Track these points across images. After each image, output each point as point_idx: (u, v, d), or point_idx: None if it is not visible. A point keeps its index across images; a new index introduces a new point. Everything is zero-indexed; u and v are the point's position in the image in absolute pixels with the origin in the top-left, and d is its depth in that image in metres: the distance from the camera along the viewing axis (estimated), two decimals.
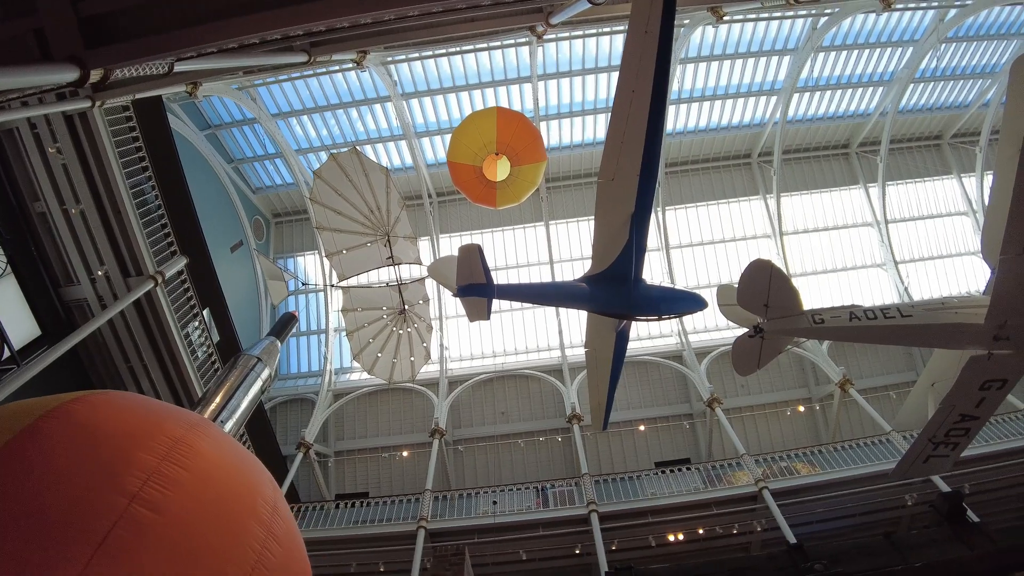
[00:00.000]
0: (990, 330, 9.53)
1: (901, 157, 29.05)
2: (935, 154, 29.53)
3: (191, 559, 3.70)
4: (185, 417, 4.61)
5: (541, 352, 26.45)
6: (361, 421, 25.84)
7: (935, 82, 27.42)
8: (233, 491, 4.32)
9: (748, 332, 10.29)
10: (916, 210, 28.90)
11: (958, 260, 28.08)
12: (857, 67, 26.37)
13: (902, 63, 26.10)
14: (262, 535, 4.17)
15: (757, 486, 18.06)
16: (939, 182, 29.20)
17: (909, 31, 25.13)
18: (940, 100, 28.40)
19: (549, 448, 24.65)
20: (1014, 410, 19.97)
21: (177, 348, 17.74)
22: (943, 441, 11.60)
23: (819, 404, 25.36)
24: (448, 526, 18.64)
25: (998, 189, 9.13)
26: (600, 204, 10.53)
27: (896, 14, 23.94)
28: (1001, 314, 9.28)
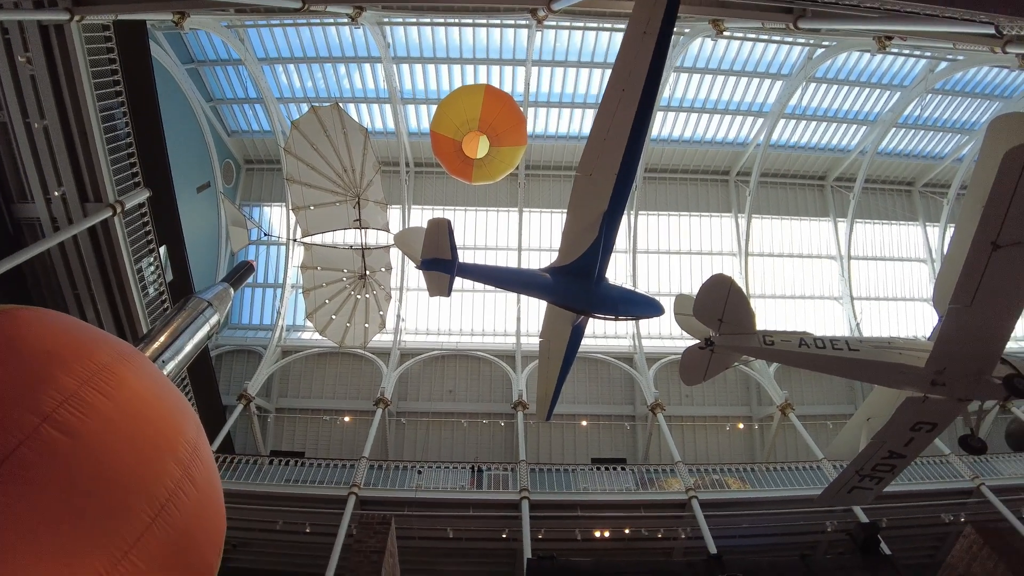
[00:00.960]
0: (929, 374, 9.83)
1: (873, 197, 29.72)
2: (905, 199, 30.28)
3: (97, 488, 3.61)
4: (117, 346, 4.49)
5: (496, 336, 26.50)
6: (306, 381, 25.58)
7: (916, 130, 28.05)
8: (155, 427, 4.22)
9: (699, 343, 10.44)
10: (879, 250, 29.62)
11: (911, 304, 28.88)
12: (844, 103, 26.82)
13: (888, 106, 26.63)
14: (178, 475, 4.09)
15: (687, 494, 18.39)
16: (904, 227, 29.94)
17: (899, 76, 25.63)
18: (917, 148, 29.06)
19: (491, 431, 24.76)
20: (939, 454, 20.67)
21: (128, 282, 17.28)
22: (869, 475, 11.97)
23: (758, 424, 25.95)
24: (379, 495, 18.55)
25: (957, 242, 9.41)
26: (575, 198, 10.55)
27: (889, 58, 24.36)
28: (941, 360, 9.57)
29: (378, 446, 22.39)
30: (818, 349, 10.27)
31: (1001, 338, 9.35)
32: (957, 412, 10.88)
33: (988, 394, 10.16)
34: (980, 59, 21.57)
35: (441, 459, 21.54)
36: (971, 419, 11.54)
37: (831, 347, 10.31)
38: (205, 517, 4.38)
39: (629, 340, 26.33)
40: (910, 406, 10.49)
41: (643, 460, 23.87)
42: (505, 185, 26.90)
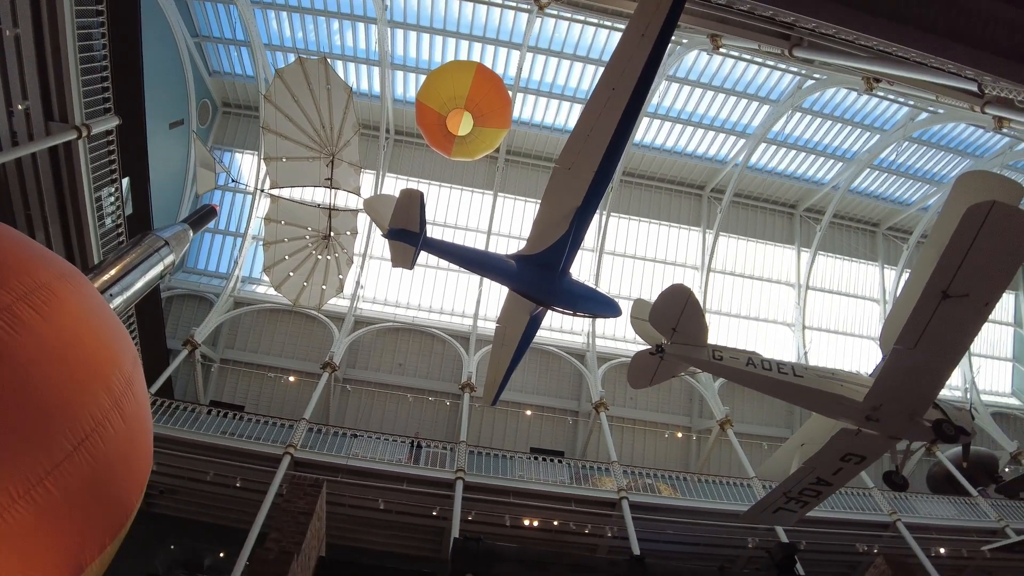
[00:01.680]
0: (866, 409, 10.15)
1: (839, 232, 30.46)
2: (869, 239, 31.10)
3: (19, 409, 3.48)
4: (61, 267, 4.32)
5: (454, 316, 26.44)
6: (255, 335, 25.15)
7: (888, 173, 28.81)
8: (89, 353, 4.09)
9: (650, 349, 10.58)
10: (836, 284, 30.37)
11: (858, 340, 29.69)
12: (825, 137, 27.36)
13: (866, 147, 27.28)
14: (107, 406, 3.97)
15: (619, 494, 18.71)
16: (864, 265, 30.76)
17: (881, 119, 26.27)
18: (887, 191, 29.86)
19: (435, 409, 24.75)
20: (863, 487, 21.42)
21: (84, 209, 16.67)
22: (796, 498, 12.34)
23: (696, 435, 26.50)
24: (315, 459, 18.39)
25: (910, 287, 9.71)
26: (550, 190, 10.58)
27: (875, 100, 24.89)
28: (879, 397, 9.88)
29: (320, 410, 22.22)
30: (764, 370, 10.51)
31: (937, 383, 9.71)
32: (886, 448, 11.28)
33: (917, 435, 10.54)
34: (959, 115, 22.15)
35: (382, 431, 21.40)
36: (898, 457, 11.98)
37: (777, 370, 10.57)
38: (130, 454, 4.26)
39: (583, 337, 26.56)
40: (843, 437, 10.84)
41: (581, 456, 24.17)
42: (483, 167, 26.82)
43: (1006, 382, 31.93)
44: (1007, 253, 7.92)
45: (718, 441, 24.61)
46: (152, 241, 13.11)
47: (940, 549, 20.35)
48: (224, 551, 19.44)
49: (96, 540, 4.16)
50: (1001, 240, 7.72)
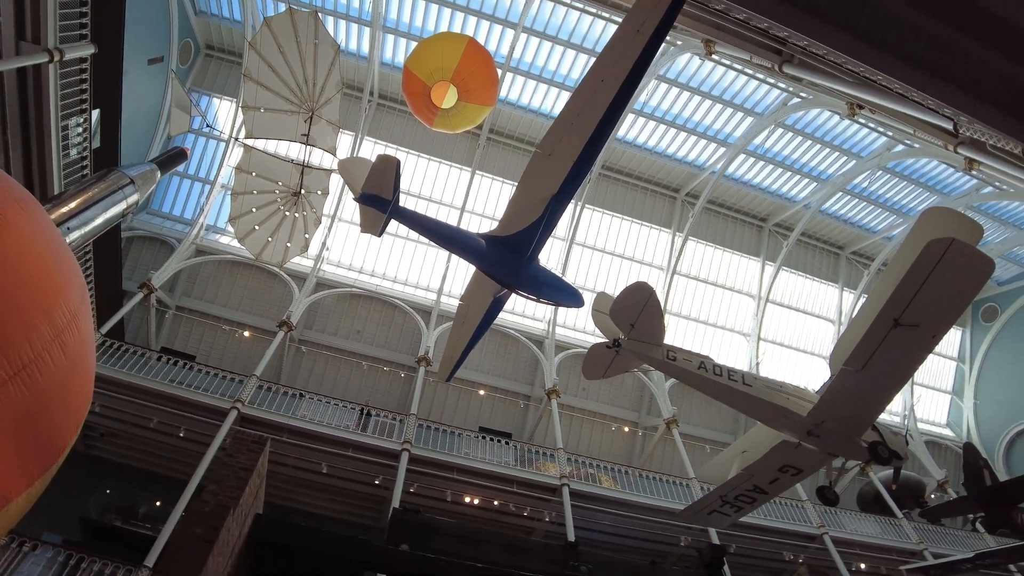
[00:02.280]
0: (808, 424, 10.42)
1: (804, 250, 31.07)
2: (832, 261, 31.78)
3: None
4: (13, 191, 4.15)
5: (418, 289, 26.29)
6: (214, 286, 24.65)
7: (859, 199, 29.37)
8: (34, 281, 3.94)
9: (607, 343, 10.70)
10: (795, 301, 31.00)
11: (809, 358, 30.40)
12: (803, 156, 27.74)
13: (841, 170, 27.77)
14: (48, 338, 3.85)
15: (560, 481, 18.96)
16: (824, 285, 31.43)
17: (859, 146, 26.73)
18: (855, 216, 30.49)
19: (389, 380, 24.67)
20: (796, 498, 22.07)
21: (49, 137, 16.01)
22: (731, 502, 12.65)
23: (642, 431, 26.95)
24: (262, 416, 18.22)
25: (865, 311, 9.96)
26: (528, 174, 10.58)
27: (855, 126, 25.35)
28: (822, 414, 10.16)
29: (272, 368, 21.98)
30: (715, 376, 10.71)
31: (879, 406, 10.03)
32: (822, 464, 11.62)
33: (854, 454, 10.87)
34: (933, 152, 22.68)
35: (333, 395, 21.28)
36: (832, 473, 12.36)
37: (727, 377, 10.78)
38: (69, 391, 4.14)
39: (544, 324, 26.68)
40: (784, 449, 11.13)
41: (528, 439, 24.40)
42: (464, 143, 26.62)
43: (943, 413, 33.10)
44: (959, 290, 8.17)
45: (663, 439, 25.08)
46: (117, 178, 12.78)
47: (861, 564, 21.18)
48: (160, 500, 19.19)
49: (24, 473, 4.06)
50: (955, 277, 7.95)
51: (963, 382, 32.90)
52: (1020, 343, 30.65)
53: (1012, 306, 31.41)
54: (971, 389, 32.31)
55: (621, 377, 26.76)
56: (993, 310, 32.38)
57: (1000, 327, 31.87)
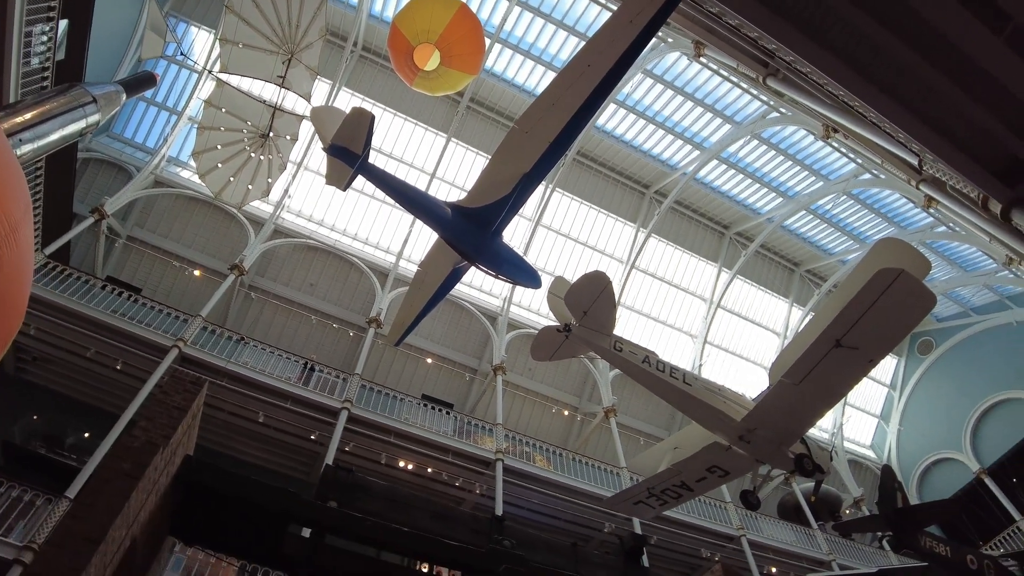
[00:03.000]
0: (741, 429, 10.73)
1: (761, 262, 31.72)
2: (786, 276, 32.54)
3: None
4: None
5: (377, 250, 25.97)
6: (168, 220, 23.89)
7: (820, 220, 30.04)
8: None
9: (558, 326, 10.81)
10: (745, 310, 31.68)
11: (751, 367, 31.18)
12: (774, 170, 28.19)
13: (808, 190, 28.33)
14: None
15: (496, 455, 19.16)
16: (775, 299, 32.18)
17: (829, 168, 27.29)
18: (815, 236, 31.22)
19: (336, 337, 24.45)
20: (720, 499, 22.81)
21: (11, 41, 15.17)
22: (657, 495, 12.95)
23: (581, 416, 27.40)
24: (203, 358, 17.80)
25: (809, 328, 10.28)
26: (503, 149, 10.57)
27: (828, 149, 25.85)
28: (756, 421, 10.46)
29: (218, 311, 21.58)
30: (658, 371, 10.93)
31: (810, 420, 10.39)
32: (749, 469, 12.02)
33: (780, 463, 11.24)
34: (897, 185, 23.30)
35: (279, 345, 21.01)
36: (757, 479, 12.80)
37: (669, 373, 11.01)
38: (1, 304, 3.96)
39: (500, 301, 26.70)
40: (714, 450, 11.44)
41: (469, 412, 24.53)
42: (443, 108, 26.28)
43: (868, 435, 34.46)
44: (901, 320, 8.46)
45: (600, 427, 25.52)
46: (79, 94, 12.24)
47: (772, 568, 22.03)
48: (89, 432, 18.77)
49: None
50: (899, 307, 8.22)
51: (891, 408, 34.24)
52: (949, 379, 31.99)
53: (947, 343, 32.71)
54: (898, 416, 33.65)
55: (568, 362, 27.09)
56: (929, 344, 33.70)
57: (933, 361, 33.17)
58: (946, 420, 30.91)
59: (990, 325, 30.65)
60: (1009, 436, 28.40)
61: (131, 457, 7.07)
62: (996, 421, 29.37)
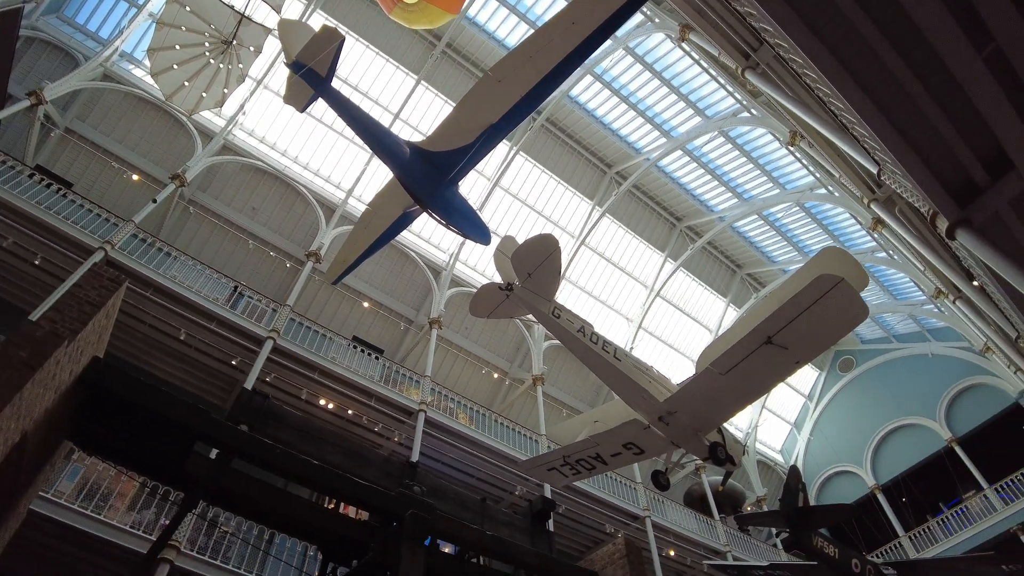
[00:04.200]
0: (661, 410, 10.88)
1: (706, 259, 32.33)
2: (728, 276, 33.27)
3: None
4: None
5: (328, 184, 25.04)
6: (113, 117, 22.47)
7: (770, 227, 30.70)
8: None
9: (500, 284, 10.70)
10: (683, 302, 32.30)
11: (680, 359, 31.88)
12: (734, 171, 28.58)
13: (764, 195, 28.85)
14: None
15: (419, 406, 19.07)
16: (713, 297, 32.89)
17: (787, 178, 27.80)
18: (761, 242, 31.97)
19: (272, 267, 23.67)
20: (631, 478, 23.44)
21: None
22: (572, 465, 13.08)
23: (509, 381, 27.55)
24: (129, 265, 16.84)
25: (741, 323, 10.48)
26: (472, 95, 10.38)
27: (789, 158, 26.27)
28: (677, 404, 10.63)
29: (152, 220, 20.58)
30: (591, 342, 10.97)
31: (729, 411, 10.63)
32: (664, 451, 12.23)
33: (695, 449, 11.48)
34: (849, 204, 23.78)
35: (211, 264, 20.21)
36: (670, 462, 13.10)
37: (602, 347, 11.07)
38: None
39: (446, 256, 26.38)
40: (633, 426, 11.59)
41: (399, 361, 24.32)
42: (417, 49, 25.50)
43: (780, 440, 35.91)
44: (832, 327, 8.67)
45: (526, 394, 25.75)
46: None
47: (671, 552, 22.81)
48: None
49: None
50: (833, 314, 8.40)
51: (805, 417, 35.74)
52: (862, 398, 33.60)
53: (866, 364, 34.29)
54: (810, 425, 35.16)
55: (504, 327, 27.13)
56: (850, 362, 35.23)
57: (851, 379, 34.72)
58: (853, 436, 32.50)
59: (907, 354, 32.25)
60: (905, 458, 30.18)
61: (31, 346, 6.63)
62: (897, 443, 31.07)
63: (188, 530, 13.06)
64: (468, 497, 10.75)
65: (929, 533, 27.09)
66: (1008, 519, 24.63)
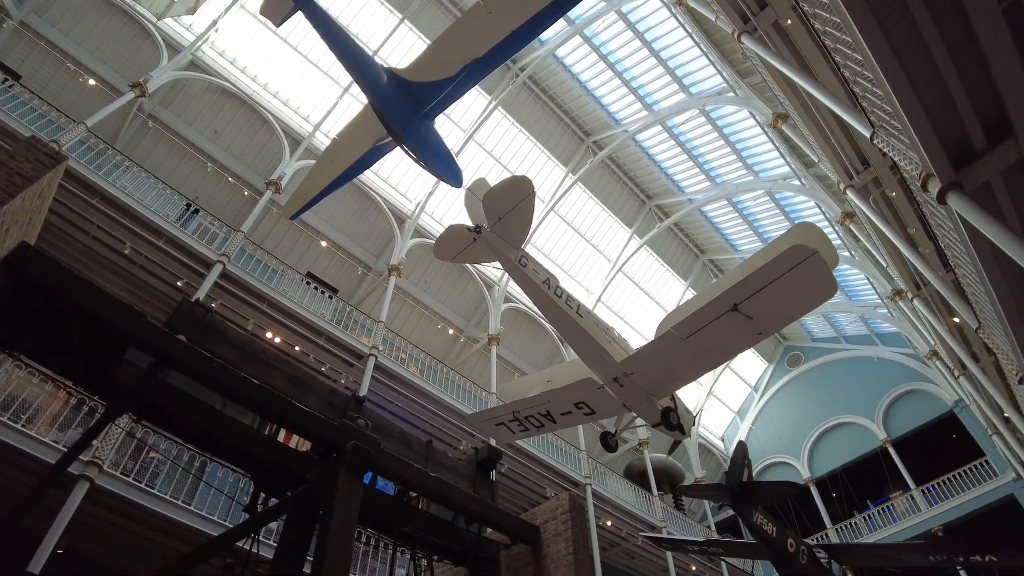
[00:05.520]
0: (617, 371, 10.67)
1: (671, 240, 32.44)
2: (690, 259, 33.48)
3: None
4: None
5: (297, 115, 23.84)
6: (74, 16, 20.82)
7: (737, 214, 30.77)
8: None
9: (469, 226, 10.31)
10: (643, 281, 32.39)
11: (634, 333, 31.99)
12: (710, 152, 28.46)
13: (736, 180, 28.79)
14: None
15: (370, 350, 18.61)
16: (674, 279, 33.04)
17: (762, 165, 27.78)
18: (727, 228, 32.20)
19: (231, 193, 22.63)
20: (576, 446, 23.58)
21: None
22: (520, 421, 12.80)
23: (465, 339, 27.26)
24: (79, 170, 15.78)
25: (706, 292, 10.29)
26: (460, 24, 9.91)
27: (767, 146, 26.18)
28: (634, 366, 10.42)
29: (108, 128, 19.50)
30: (555, 295, 10.66)
31: (684, 377, 10.45)
32: (615, 413, 12.08)
33: (646, 414, 11.32)
34: (819, 195, 23.96)
35: (169, 181, 19.14)
36: (620, 424, 12.98)
37: (565, 301, 10.79)
38: None
39: (412, 205, 25.66)
40: (587, 385, 11.37)
41: (355, 304, 23.71)
42: None
43: (723, 427, 36.64)
44: (799, 300, 8.53)
45: (480, 353, 25.50)
46: None
47: (608, 522, 23.02)
48: None
49: None
50: (802, 287, 8.25)
51: (749, 407, 36.52)
52: (806, 393, 34.51)
53: (813, 361, 35.18)
54: (753, 415, 35.94)
55: (464, 284, 26.74)
56: (798, 358, 36.05)
57: (797, 374, 35.57)
58: (793, 429, 33.34)
59: (854, 355, 33.14)
60: (841, 455, 31.17)
61: None
62: (834, 440, 32.02)
63: (113, 451, 12.50)
64: (414, 437, 10.44)
65: (855, 528, 28.02)
66: (930, 520, 25.63)
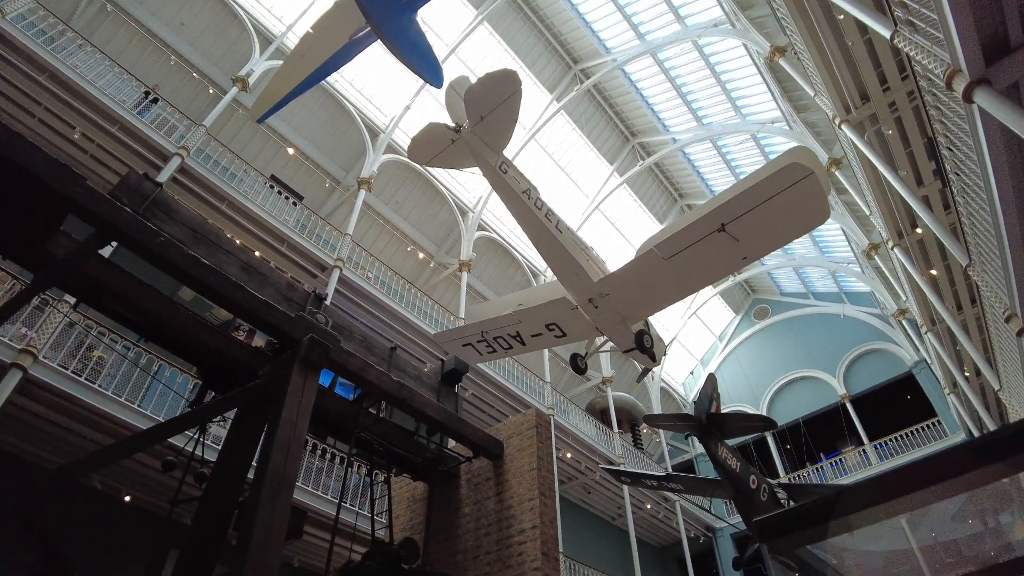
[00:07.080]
0: (593, 291, 10.23)
1: (650, 180, 31.92)
2: (668, 203, 33.37)
3: None
4: None
5: (270, 14, 21.62)
6: None
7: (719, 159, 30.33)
8: None
9: (449, 124, 9.61)
10: (619, 220, 31.93)
11: None
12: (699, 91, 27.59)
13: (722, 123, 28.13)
14: None
15: (335, 262, 17.91)
16: (651, 220, 32.61)
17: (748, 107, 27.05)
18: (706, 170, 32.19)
19: (195, 90, 21.04)
20: (541, 377, 23.54)
21: None
22: (488, 341, 12.33)
23: (435, 264, 26.62)
24: (24, 43, 14.41)
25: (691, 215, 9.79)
26: None
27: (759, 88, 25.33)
28: (610, 286, 10.00)
29: (63, 8, 17.95)
30: (536, 207, 10.16)
31: (661, 300, 10.05)
32: (587, 336, 11.72)
33: (619, 337, 10.95)
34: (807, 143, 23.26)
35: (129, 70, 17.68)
36: (591, 347, 12.65)
37: (545, 214, 10.29)
38: None
39: (387, 119, 24.28)
40: (560, 305, 10.95)
41: (321, 214, 22.57)
42: None
43: (684, 373, 37.00)
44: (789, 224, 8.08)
45: (450, 280, 24.96)
46: None
47: (568, 454, 23.13)
48: None
49: None
50: (794, 209, 7.83)
51: (712, 356, 36.89)
52: (770, 346, 34.97)
53: (780, 315, 35.54)
54: (715, 364, 36.29)
55: (436, 209, 25.92)
56: (765, 311, 36.34)
57: (763, 327, 35.93)
58: (755, 380, 33.80)
59: (821, 312, 33.53)
60: (798, 407, 31.89)
61: None
62: (794, 392, 32.63)
63: (49, 342, 11.76)
64: (377, 341, 9.89)
65: (804, 479, 28.76)
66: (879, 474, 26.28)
